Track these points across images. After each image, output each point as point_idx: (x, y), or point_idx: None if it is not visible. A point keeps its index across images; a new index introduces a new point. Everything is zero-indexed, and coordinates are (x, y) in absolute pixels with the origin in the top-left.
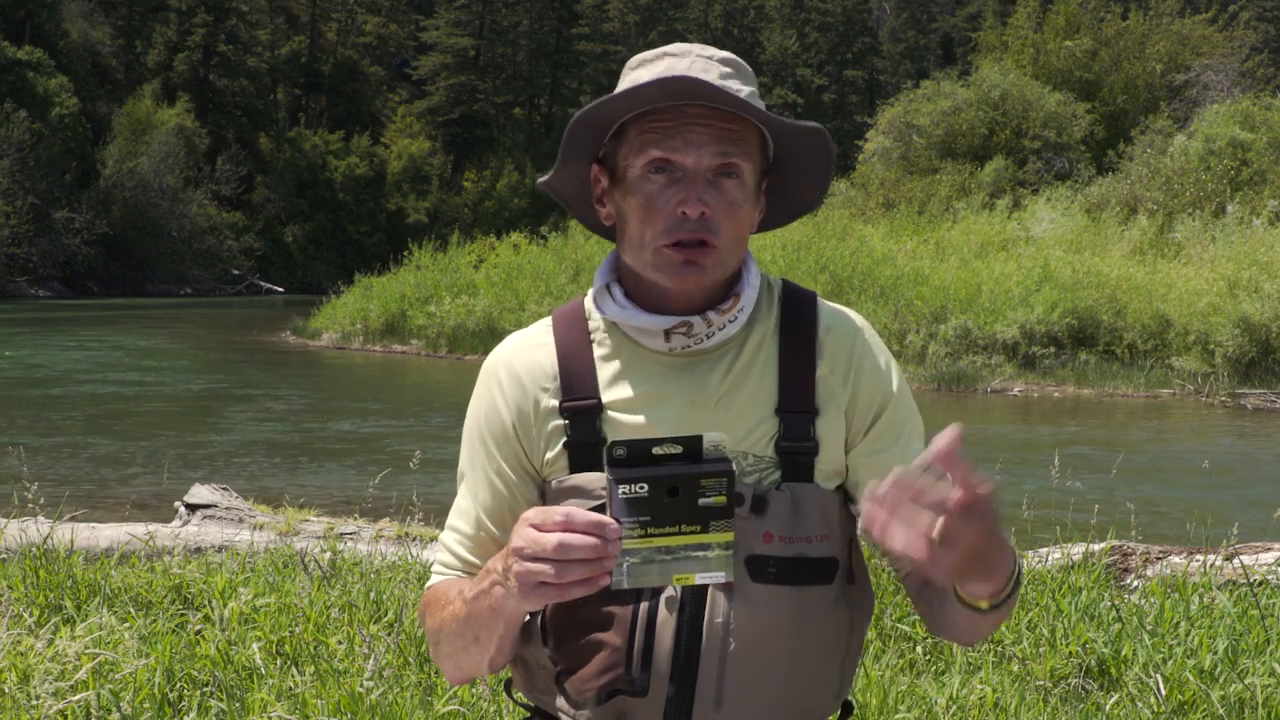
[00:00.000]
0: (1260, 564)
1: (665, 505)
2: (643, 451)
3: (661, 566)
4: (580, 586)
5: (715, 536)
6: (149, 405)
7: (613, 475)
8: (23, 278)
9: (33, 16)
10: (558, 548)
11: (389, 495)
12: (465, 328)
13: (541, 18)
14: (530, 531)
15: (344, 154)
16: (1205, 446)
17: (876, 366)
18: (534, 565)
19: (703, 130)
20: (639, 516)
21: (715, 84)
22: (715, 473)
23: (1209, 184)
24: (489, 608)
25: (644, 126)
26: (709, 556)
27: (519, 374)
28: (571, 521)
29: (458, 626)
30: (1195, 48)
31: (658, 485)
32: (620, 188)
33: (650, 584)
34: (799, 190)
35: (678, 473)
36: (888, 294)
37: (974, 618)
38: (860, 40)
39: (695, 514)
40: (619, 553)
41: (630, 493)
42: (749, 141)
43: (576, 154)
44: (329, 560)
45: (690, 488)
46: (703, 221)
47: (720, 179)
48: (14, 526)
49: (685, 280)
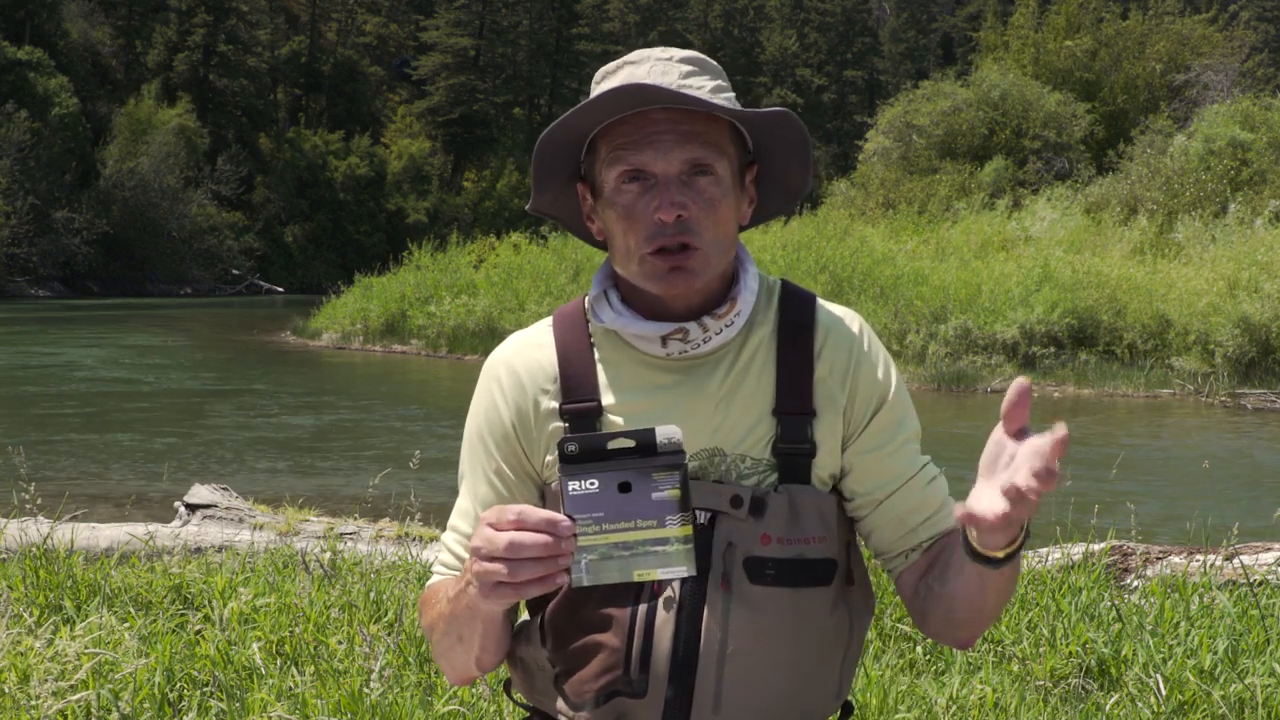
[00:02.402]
0: (1260, 564)
1: (618, 501)
2: (596, 447)
3: (620, 563)
4: (536, 585)
5: (672, 531)
6: (149, 405)
7: (563, 472)
8: (23, 278)
9: (33, 16)
10: (509, 546)
11: (389, 495)
12: (465, 328)
13: (541, 18)
14: (486, 531)
15: (344, 154)
16: (1205, 446)
17: (874, 367)
18: (489, 565)
19: (668, 135)
20: (592, 513)
21: (668, 87)
22: (667, 465)
23: (1209, 184)
24: (466, 607)
25: (612, 140)
26: (668, 551)
27: (519, 374)
28: (524, 520)
29: (444, 626)
30: (1195, 48)
31: (608, 481)
32: (601, 202)
33: (611, 580)
34: (785, 177)
35: (628, 469)
36: (888, 294)
37: (984, 576)
38: (860, 40)
39: (649, 509)
40: (574, 550)
41: (581, 489)
42: (719, 137)
43: (554, 175)
44: (329, 560)
45: (642, 482)
46: (681, 224)
47: (694, 178)
48: (14, 526)
49: (675, 287)
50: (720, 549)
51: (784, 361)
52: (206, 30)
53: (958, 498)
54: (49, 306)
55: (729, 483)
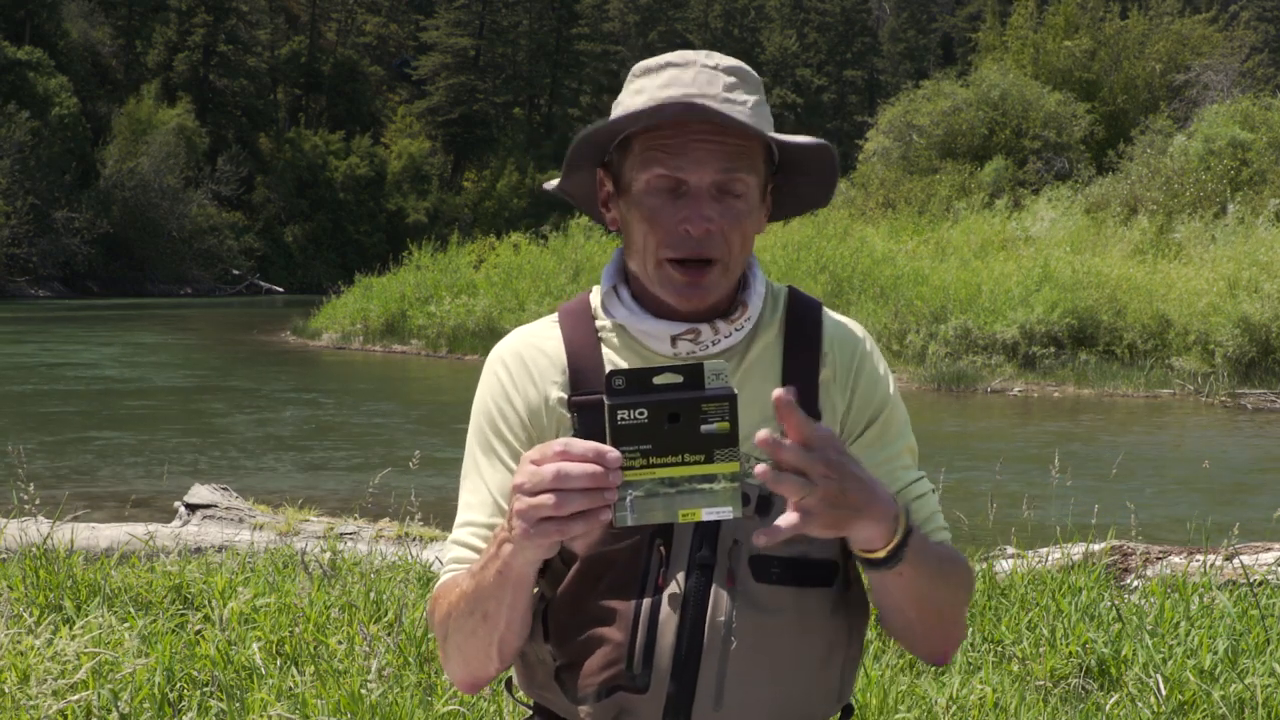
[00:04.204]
0: (1260, 564)
1: (666, 433)
2: (643, 380)
3: (666, 500)
4: (582, 521)
5: (720, 467)
6: (149, 405)
7: (611, 402)
8: (23, 278)
9: (33, 16)
10: (556, 476)
11: (389, 495)
12: (465, 328)
13: (541, 18)
14: (530, 467)
15: (344, 154)
16: (1205, 446)
17: (875, 375)
18: (534, 499)
19: (706, 147)
20: (640, 445)
21: (714, 106)
22: (717, 397)
23: (1209, 184)
24: (496, 572)
25: (648, 142)
26: (715, 489)
27: (527, 364)
28: (569, 450)
29: (466, 606)
30: (1195, 48)
31: (658, 411)
32: (625, 197)
33: (656, 520)
34: (806, 194)
35: (678, 398)
36: (888, 294)
37: (885, 580)
38: (860, 40)
39: (698, 442)
40: (620, 483)
41: (629, 419)
42: (753, 154)
43: (583, 165)
44: (329, 560)
45: (691, 413)
46: (706, 239)
47: (725, 194)
48: (14, 526)
49: (690, 301)
50: (726, 546)
51: (790, 364)
52: (206, 30)
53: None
54: (49, 306)
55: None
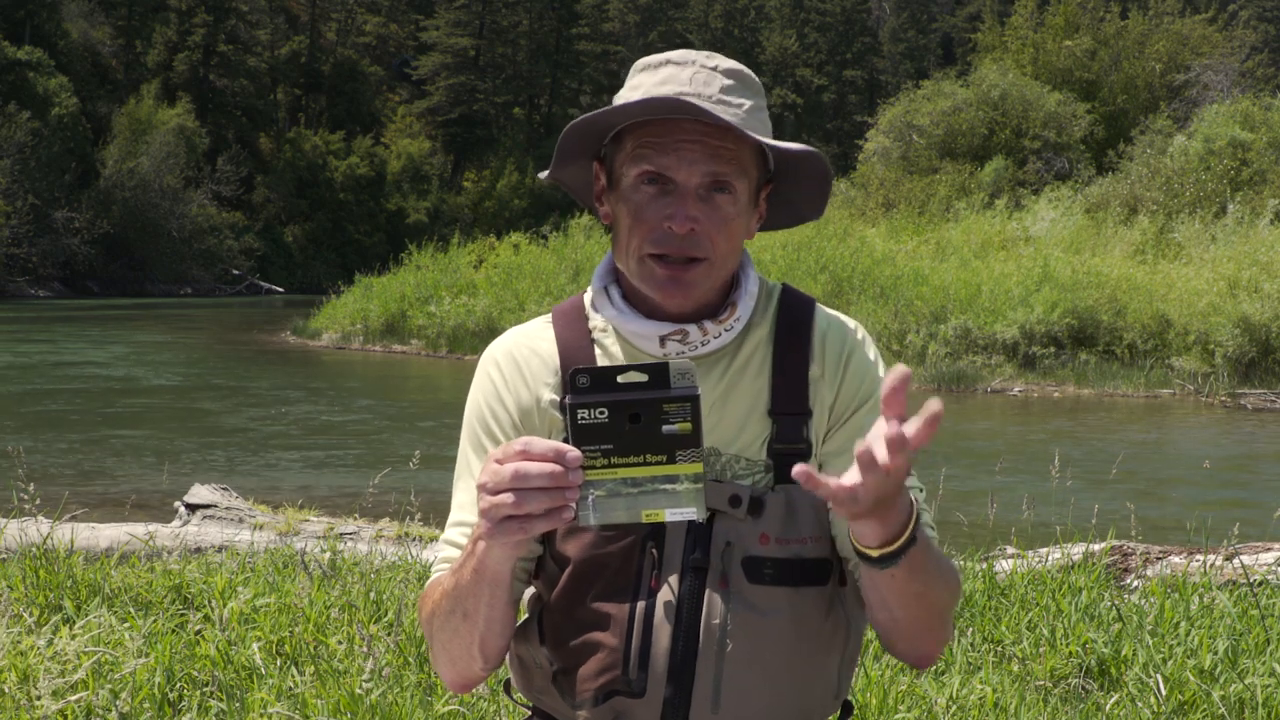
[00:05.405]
0: (1260, 564)
1: (627, 433)
2: (607, 379)
3: (629, 500)
4: (543, 520)
5: (683, 468)
6: (149, 405)
7: (571, 401)
8: (23, 278)
9: (33, 16)
10: (515, 475)
11: (389, 495)
12: (465, 328)
13: (541, 18)
14: (493, 465)
15: (344, 154)
16: (1205, 446)
17: (864, 363)
18: (495, 498)
19: (695, 147)
20: (600, 444)
21: (707, 99)
22: (679, 398)
23: (1209, 184)
24: (472, 570)
25: (639, 138)
26: (678, 490)
27: (519, 364)
28: (529, 450)
29: (448, 605)
30: (1195, 48)
31: (618, 411)
32: (615, 192)
33: (619, 520)
34: (800, 202)
35: (639, 398)
36: (888, 294)
37: (876, 579)
38: (860, 40)
39: (660, 442)
40: (580, 482)
41: (589, 418)
42: (743, 157)
43: (574, 156)
44: (329, 560)
45: (653, 414)
46: (690, 238)
47: (713, 194)
48: (14, 526)
49: (671, 296)
50: (719, 548)
51: (780, 363)
52: (206, 30)
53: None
54: (49, 306)
55: (726, 482)
